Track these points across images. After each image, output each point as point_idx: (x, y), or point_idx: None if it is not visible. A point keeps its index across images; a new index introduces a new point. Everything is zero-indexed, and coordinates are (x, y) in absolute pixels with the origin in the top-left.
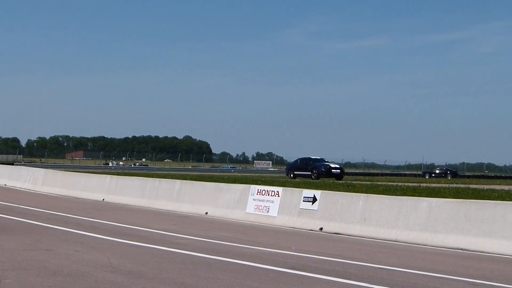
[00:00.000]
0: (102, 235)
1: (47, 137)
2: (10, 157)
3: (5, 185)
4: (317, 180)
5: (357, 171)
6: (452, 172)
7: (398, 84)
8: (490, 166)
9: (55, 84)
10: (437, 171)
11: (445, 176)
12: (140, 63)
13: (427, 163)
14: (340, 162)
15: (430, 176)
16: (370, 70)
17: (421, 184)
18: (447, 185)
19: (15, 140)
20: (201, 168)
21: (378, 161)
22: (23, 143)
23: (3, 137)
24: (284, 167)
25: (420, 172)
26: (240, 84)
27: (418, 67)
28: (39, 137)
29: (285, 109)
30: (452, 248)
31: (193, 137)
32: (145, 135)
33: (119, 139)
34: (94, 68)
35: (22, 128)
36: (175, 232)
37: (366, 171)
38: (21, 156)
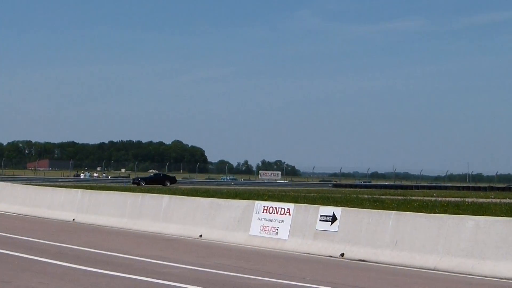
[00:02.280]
0: (72, 264)
1: (4, 143)
2: None
3: None
4: (337, 195)
5: (386, 183)
6: None
7: (435, 76)
8: None
9: (13, 79)
10: None
11: None
12: (118, 52)
13: (473, 173)
14: (366, 172)
15: None
16: (400, 59)
17: (466, 199)
18: (498, 200)
19: None
20: (194, 180)
21: (412, 171)
22: None
23: None
24: (298, 179)
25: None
26: (241, 77)
27: (459, 56)
28: None
29: (297, 107)
30: (504, 279)
31: (184, 142)
32: (125, 140)
33: (93, 145)
34: (61, 59)
35: None
36: (162, 259)
37: (398, 183)
38: None
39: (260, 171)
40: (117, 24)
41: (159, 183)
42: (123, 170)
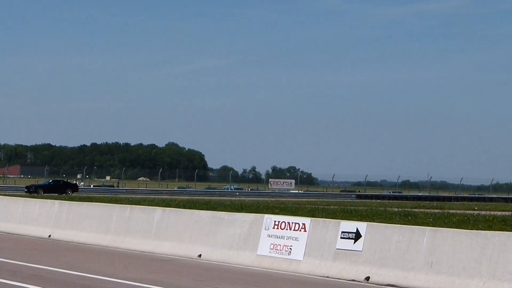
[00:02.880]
0: None
1: None
2: None
3: None
4: (362, 208)
5: (420, 193)
6: None
7: (477, 67)
8: None
9: None
10: None
11: None
12: (102, 39)
13: None
14: (395, 181)
15: None
16: (435, 46)
17: None
18: None
19: None
20: (192, 190)
21: (450, 179)
22: None
23: None
24: (314, 189)
25: None
26: (247, 68)
27: (505, 42)
28: None
29: (314, 104)
30: None
31: (180, 145)
32: (110, 142)
33: (72, 148)
34: (34, 46)
35: None
36: (153, 283)
37: (433, 193)
38: None
39: (270, 180)
40: (100, 6)
41: (60, 191)
42: (108, 177)
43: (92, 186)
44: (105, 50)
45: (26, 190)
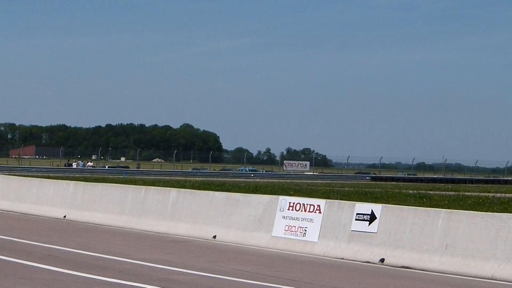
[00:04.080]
0: (63, 268)
1: None
2: None
3: None
4: (376, 190)
5: (435, 176)
6: None
7: (492, 48)
8: None
9: None
10: None
11: None
12: (116, 19)
13: None
14: (410, 163)
15: None
16: (450, 28)
17: None
18: None
19: None
20: (206, 171)
21: (465, 162)
22: None
23: None
24: (329, 171)
25: None
26: (262, 49)
27: None
28: None
29: (328, 86)
30: None
31: (195, 127)
32: (125, 123)
33: (87, 129)
34: (49, 27)
35: None
36: (169, 264)
37: (449, 176)
38: None
39: (284, 161)
40: None
41: None
42: (122, 158)
43: (107, 167)
44: (121, 31)
45: None
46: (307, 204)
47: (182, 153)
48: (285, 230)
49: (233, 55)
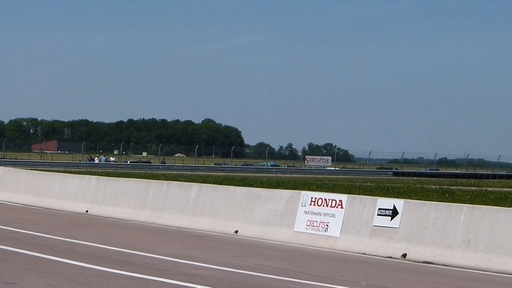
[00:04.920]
0: (85, 263)
1: (5, 121)
2: None
3: None
4: (398, 185)
5: (457, 171)
6: None
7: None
8: None
9: (15, 46)
10: None
11: None
12: (138, 15)
13: None
14: (432, 158)
15: None
16: (473, 24)
17: None
18: None
19: None
20: (228, 166)
21: (488, 157)
22: None
23: None
24: (351, 166)
25: None
26: (284, 44)
27: None
28: None
29: (350, 81)
30: None
31: (217, 122)
32: (147, 118)
33: (109, 124)
34: (72, 23)
35: None
36: (190, 259)
37: (471, 171)
38: None
39: (306, 156)
40: None
41: None
42: (144, 153)
43: (128, 162)
44: (144, 26)
45: None
46: (329, 199)
47: (204, 148)
48: (307, 225)
49: (255, 50)
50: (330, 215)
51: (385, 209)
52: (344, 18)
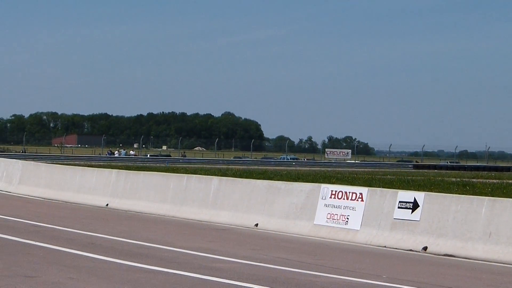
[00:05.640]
0: (106, 256)
1: (26, 115)
2: None
3: None
4: (419, 178)
5: (477, 164)
6: None
7: None
8: None
9: (35, 40)
10: None
11: None
12: (157, 8)
13: None
14: (453, 151)
15: None
16: (492, 16)
17: None
18: None
19: None
20: (248, 159)
21: (508, 149)
22: None
23: None
24: (371, 159)
25: None
26: (304, 37)
27: None
28: (13, 115)
29: (370, 74)
30: None
31: (236, 115)
32: (167, 111)
33: (129, 118)
34: (91, 17)
35: None
36: (211, 252)
37: (491, 164)
38: None
39: (326, 149)
40: None
41: None
42: (164, 147)
43: (148, 155)
44: (163, 20)
45: None
46: (349, 192)
47: (224, 142)
48: (327, 218)
49: (274, 43)
50: (351, 208)
51: (406, 202)
52: (363, 10)
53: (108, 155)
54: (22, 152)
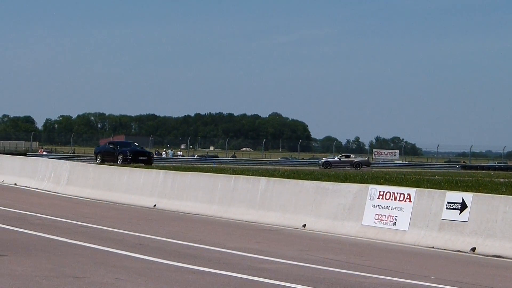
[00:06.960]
0: (154, 257)
1: (74, 116)
2: (22, 145)
3: (15, 184)
4: (467, 178)
5: None
6: None
7: None
8: None
9: (82, 41)
10: None
11: None
12: (204, 9)
13: None
14: (501, 152)
15: None
16: None
17: None
18: None
19: (29, 121)
20: (295, 160)
21: None
22: (40, 124)
23: (12, 116)
24: (419, 160)
25: None
26: (352, 37)
27: None
28: (61, 116)
29: (418, 74)
30: None
31: (284, 116)
32: (214, 112)
33: (176, 119)
34: (138, 17)
35: (38, 103)
36: (258, 253)
37: None
38: (37, 143)
39: (374, 150)
40: None
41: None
42: (211, 148)
43: (196, 156)
44: (210, 20)
45: None
46: (397, 193)
47: (271, 142)
48: (375, 219)
49: (321, 43)
50: (399, 208)
51: (454, 203)
52: (410, 10)
53: (155, 156)
54: (71, 153)
